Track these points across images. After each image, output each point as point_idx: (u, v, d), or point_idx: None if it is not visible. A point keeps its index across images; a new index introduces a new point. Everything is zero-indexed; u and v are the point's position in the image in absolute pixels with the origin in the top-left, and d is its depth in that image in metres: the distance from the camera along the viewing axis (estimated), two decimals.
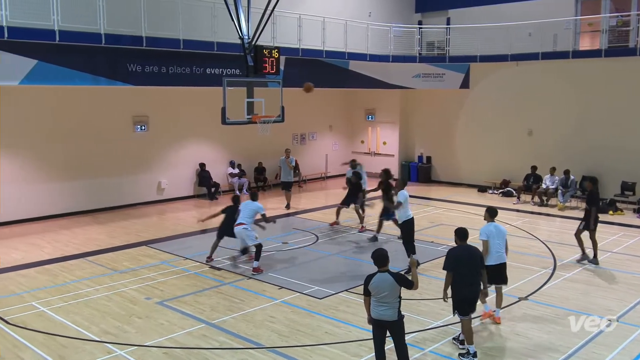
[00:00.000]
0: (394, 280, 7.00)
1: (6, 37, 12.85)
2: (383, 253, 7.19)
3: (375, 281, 7.05)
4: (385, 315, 7.05)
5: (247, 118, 14.61)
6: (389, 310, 7.04)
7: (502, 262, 9.56)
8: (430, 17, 24.94)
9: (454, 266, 8.29)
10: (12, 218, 16.52)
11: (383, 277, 7.04)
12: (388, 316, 7.05)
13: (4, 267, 12.52)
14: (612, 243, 14.68)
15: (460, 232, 8.59)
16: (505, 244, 9.65)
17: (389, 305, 7.04)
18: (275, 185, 22.85)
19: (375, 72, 22.25)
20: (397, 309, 7.10)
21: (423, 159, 25.03)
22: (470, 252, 8.44)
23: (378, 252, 7.21)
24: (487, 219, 9.71)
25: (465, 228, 8.63)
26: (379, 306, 7.06)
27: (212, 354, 8.38)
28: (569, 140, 20.56)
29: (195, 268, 12.57)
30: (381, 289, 6.99)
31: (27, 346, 8.65)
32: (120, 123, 18.70)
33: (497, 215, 9.81)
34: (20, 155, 16.63)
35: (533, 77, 21.33)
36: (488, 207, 9.92)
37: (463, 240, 8.52)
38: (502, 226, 9.78)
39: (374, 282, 7.06)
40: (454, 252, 8.48)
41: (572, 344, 8.67)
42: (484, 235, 9.47)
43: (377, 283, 7.04)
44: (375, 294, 7.06)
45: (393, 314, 7.07)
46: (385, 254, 7.19)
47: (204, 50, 16.48)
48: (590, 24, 20.80)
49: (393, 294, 7.02)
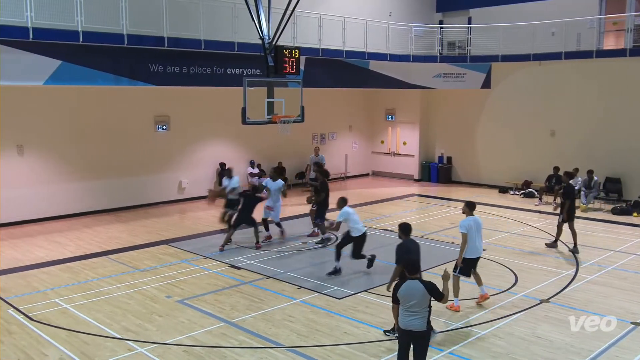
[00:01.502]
0: (424, 289, 6.76)
1: (31, 38, 13.06)
2: (415, 260, 7.03)
3: (404, 288, 6.80)
4: (413, 325, 6.80)
5: (267, 118, 14.65)
6: (417, 319, 6.79)
7: (479, 255, 10.15)
8: (452, 16, 24.78)
9: (405, 258, 8.40)
10: (35, 216, 16.81)
11: (413, 285, 6.79)
12: (416, 326, 6.80)
13: (27, 265, 12.75)
14: (636, 245, 14.43)
15: (404, 227, 9.12)
16: None
17: (417, 314, 6.79)
18: (296, 185, 22.94)
19: (395, 72, 22.16)
20: (425, 319, 6.87)
21: (443, 159, 24.87)
22: (415, 244, 9.12)
23: (409, 260, 7.06)
24: (467, 213, 10.15)
25: (408, 223, 9.20)
26: (408, 315, 6.81)
27: (232, 353, 8.42)
28: (592, 141, 20.28)
29: (216, 267, 12.64)
30: (410, 297, 6.75)
31: (50, 342, 8.78)
32: (141, 123, 18.90)
33: (476, 208, 10.28)
34: (44, 155, 16.92)
35: (556, 77, 21.07)
36: (467, 201, 10.35)
37: (407, 235, 9.09)
38: (480, 219, 10.24)
39: (404, 289, 6.81)
40: (403, 246, 9.02)
41: (594, 348, 8.54)
42: (463, 229, 9.91)
43: (406, 291, 6.79)
44: (404, 302, 6.81)
45: (422, 324, 6.82)
46: (417, 261, 7.06)
47: (225, 50, 16.56)
48: (615, 22, 20.49)
49: (422, 303, 6.78)
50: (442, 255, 13.32)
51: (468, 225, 9.89)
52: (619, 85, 19.70)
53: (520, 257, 13.12)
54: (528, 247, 14.18)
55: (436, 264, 12.44)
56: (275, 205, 14.56)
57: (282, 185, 14.61)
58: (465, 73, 22.59)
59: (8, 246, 14.31)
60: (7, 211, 16.21)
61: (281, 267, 12.49)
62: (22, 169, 16.53)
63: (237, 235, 14.29)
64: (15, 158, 16.41)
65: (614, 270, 12.39)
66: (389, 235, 14.86)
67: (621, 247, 14.18)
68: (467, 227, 9.86)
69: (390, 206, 19.61)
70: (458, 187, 23.56)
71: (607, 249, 13.99)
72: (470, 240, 9.87)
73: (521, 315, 9.79)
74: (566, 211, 13.52)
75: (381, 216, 17.78)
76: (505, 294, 10.81)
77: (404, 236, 9.11)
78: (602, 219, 17.47)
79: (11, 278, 11.87)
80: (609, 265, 12.65)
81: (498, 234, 13.57)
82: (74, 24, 13.66)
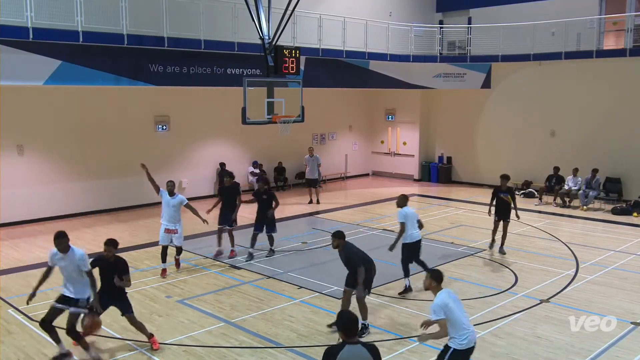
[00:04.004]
0: (370, 355, 5.05)
1: (31, 38, 13.07)
2: (352, 318, 5.16)
3: (344, 356, 4.96)
4: None
5: (267, 118, 14.66)
6: None
7: (419, 239, 10.98)
8: (452, 16, 24.79)
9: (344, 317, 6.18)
10: (35, 216, 16.83)
11: (355, 351, 5.00)
12: None
13: (27, 265, 12.76)
14: (636, 245, 14.43)
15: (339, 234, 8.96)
16: (419, 223, 11.08)
17: None
18: (295, 185, 22.98)
19: (395, 72, 22.17)
20: None
21: (443, 159, 24.88)
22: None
23: (346, 318, 5.17)
24: (402, 205, 10.99)
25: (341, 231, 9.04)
26: None
27: (232, 353, 8.42)
28: (592, 141, 20.28)
29: (215, 267, 12.65)
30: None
31: (50, 342, 8.77)
32: (141, 123, 18.90)
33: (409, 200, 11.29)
34: (44, 155, 16.93)
35: (556, 77, 21.07)
36: (401, 194, 11.24)
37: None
38: (413, 209, 11.14)
39: (343, 357, 4.96)
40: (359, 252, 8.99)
41: (594, 348, 8.55)
42: (401, 218, 10.81)
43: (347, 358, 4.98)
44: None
45: None
46: (356, 319, 5.18)
47: (225, 50, 16.57)
48: (615, 22, 20.50)
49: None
50: (442, 255, 13.35)
51: (405, 214, 10.80)
52: (619, 85, 19.69)
53: (520, 257, 13.12)
54: (528, 247, 14.19)
55: (436, 264, 12.47)
56: (176, 226, 11.95)
57: (183, 201, 11.99)
58: (465, 73, 22.60)
59: (8, 246, 14.32)
60: (7, 211, 16.22)
61: (281, 267, 12.50)
62: (22, 169, 16.54)
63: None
64: (15, 158, 16.41)
65: (614, 270, 12.40)
66: (389, 235, 14.84)
67: (621, 247, 14.19)
68: (405, 217, 10.77)
69: (390, 206, 19.55)
70: (458, 187, 23.56)
71: (607, 249, 14.00)
72: (409, 228, 10.81)
73: (521, 315, 9.79)
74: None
75: (381, 216, 17.77)
76: (505, 294, 10.82)
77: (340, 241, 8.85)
78: (602, 219, 17.47)
79: (11, 278, 11.88)
80: (609, 265, 12.66)
81: (498, 233, 13.58)
82: (74, 24, 13.67)
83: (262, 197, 12.98)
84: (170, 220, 11.87)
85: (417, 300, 10.50)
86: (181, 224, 12.07)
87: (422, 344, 8.06)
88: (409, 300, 10.49)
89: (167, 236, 11.91)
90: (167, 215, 11.87)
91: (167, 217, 11.88)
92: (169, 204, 11.87)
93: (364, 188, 23.49)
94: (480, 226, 16.13)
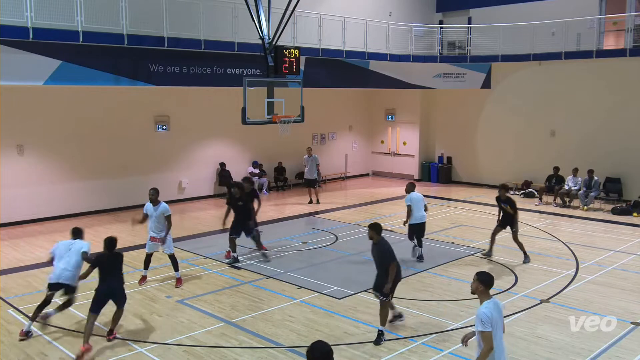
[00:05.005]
0: None
1: (31, 38, 13.06)
2: (326, 351, 4.43)
3: None
4: None
5: (267, 118, 14.65)
6: None
7: (424, 221, 12.71)
8: (452, 16, 24.79)
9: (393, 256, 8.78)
10: (35, 216, 16.82)
11: None
12: None
13: (27, 265, 12.76)
14: (636, 245, 14.43)
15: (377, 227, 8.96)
16: (425, 207, 12.74)
17: None
18: (295, 185, 22.97)
19: (395, 72, 22.17)
20: None
21: (444, 159, 24.87)
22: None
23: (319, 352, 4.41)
24: (410, 190, 12.65)
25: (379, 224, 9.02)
26: None
27: (232, 353, 8.42)
28: (592, 141, 20.28)
29: (215, 267, 12.65)
30: None
31: (49, 342, 8.78)
32: (141, 123, 18.90)
33: (415, 187, 12.91)
34: (44, 155, 16.92)
35: (556, 77, 21.07)
36: (409, 181, 13.11)
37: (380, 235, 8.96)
38: (419, 194, 12.78)
39: None
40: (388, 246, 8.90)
41: (594, 348, 8.54)
42: (407, 201, 12.54)
43: None
44: None
45: None
46: (330, 351, 4.43)
47: (225, 50, 16.57)
48: (615, 22, 20.49)
49: None
50: (442, 255, 13.35)
51: (411, 199, 12.49)
52: (618, 85, 19.69)
53: (520, 257, 13.10)
54: (528, 247, 14.16)
55: (437, 264, 12.46)
56: (160, 234, 11.49)
57: (165, 211, 11.43)
58: (465, 73, 22.59)
59: (8, 246, 14.32)
60: (7, 211, 16.21)
61: (281, 267, 12.50)
62: (22, 169, 16.53)
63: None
64: (15, 158, 16.41)
65: (614, 270, 12.39)
66: (389, 235, 14.82)
67: (621, 247, 14.19)
68: (411, 200, 12.46)
69: (390, 206, 19.61)
70: (458, 187, 23.56)
71: (607, 249, 14.00)
72: (415, 210, 12.52)
73: (521, 315, 9.79)
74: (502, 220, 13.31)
75: (381, 216, 17.77)
76: (505, 294, 10.81)
77: (378, 236, 8.80)
78: (602, 219, 17.47)
79: (11, 278, 11.89)
80: (609, 265, 12.66)
81: (498, 233, 13.57)
82: (74, 24, 13.66)
83: (238, 203, 12.62)
84: (154, 229, 11.47)
85: (417, 300, 10.50)
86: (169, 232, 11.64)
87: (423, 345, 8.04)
88: (409, 300, 10.48)
89: (153, 244, 11.52)
90: (152, 224, 11.47)
91: (152, 227, 11.54)
92: (152, 214, 11.42)
93: (364, 188, 23.49)
94: (480, 226, 16.14)
